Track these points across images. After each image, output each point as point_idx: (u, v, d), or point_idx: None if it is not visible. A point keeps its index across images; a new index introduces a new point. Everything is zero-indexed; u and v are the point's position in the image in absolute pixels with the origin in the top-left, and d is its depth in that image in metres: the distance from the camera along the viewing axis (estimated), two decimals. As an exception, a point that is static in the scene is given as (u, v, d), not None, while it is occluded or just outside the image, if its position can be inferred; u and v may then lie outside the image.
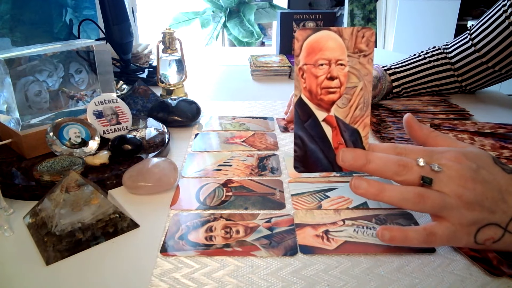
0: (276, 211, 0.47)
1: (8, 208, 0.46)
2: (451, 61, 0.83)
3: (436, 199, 0.35)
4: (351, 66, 0.35)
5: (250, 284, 0.36)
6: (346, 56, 0.35)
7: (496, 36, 0.74)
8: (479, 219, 0.35)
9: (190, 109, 0.73)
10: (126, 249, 0.41)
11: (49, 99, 0.61)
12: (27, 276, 0.37)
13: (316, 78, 0.35)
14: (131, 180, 0.50)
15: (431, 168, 0.36)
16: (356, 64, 0.35)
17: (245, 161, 0.59)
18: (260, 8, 3.38)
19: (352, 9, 3.18)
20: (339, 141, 0.37)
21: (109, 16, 0.92)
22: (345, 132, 0.36)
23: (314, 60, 0.35)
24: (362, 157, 0.37)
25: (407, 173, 0.36)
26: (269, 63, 1.10)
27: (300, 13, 1.20)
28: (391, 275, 0.37)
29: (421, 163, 0.36)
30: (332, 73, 0.35)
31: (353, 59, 0.35)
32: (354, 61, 0.35)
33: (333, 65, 0.35)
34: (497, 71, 0.78)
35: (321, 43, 0.35)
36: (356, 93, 0.35)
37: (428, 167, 0.36)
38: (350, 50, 0.35)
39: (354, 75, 0.35)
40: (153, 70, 1.02)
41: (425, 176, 0.36)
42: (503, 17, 0.73)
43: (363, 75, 0.35)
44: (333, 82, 0.35)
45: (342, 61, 0.35)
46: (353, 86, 0.35)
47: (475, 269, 0.38)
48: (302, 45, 0.35)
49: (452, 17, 2.81)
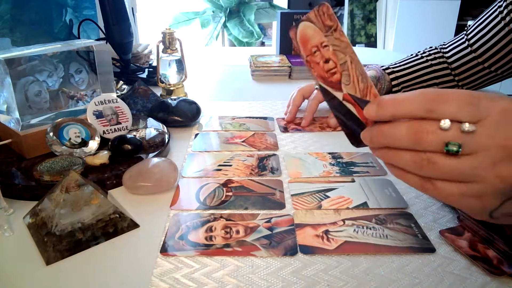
0: (276, 211, 0.47)
1: (8, 208, 0.46)
2: (448, 61, 0.83)
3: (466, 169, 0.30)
4: (332, 45, 0.36)
5: (250, 284, 0.36)
6: (324, 37, 0.36)
7: (492, 37, 0.74)
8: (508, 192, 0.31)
9: (190, 109, 0.73)
10: (126, 249, 0.41)
11: (49, 99, 0.61)
12: (27, 276, 0.37)
13: (318, 64, 0.37)
14: (131, 180, 0.50)
15: (461, 130, 0.30)
16: (334, 41, 0.35)
17: (245, 161, 0.59)
18: (260, 8, 3.38)
19: (352, 9, 3.18)
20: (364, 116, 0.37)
21: (109, 16, 0.92)
22: (363, 106, 0.36)
23: (309, 50, 0.37)
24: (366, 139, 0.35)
25: (424, 142, 0.31)
26: (269, 63, 1.10)
27: (300, 13, 1.20)
28: (391, 275, 0.37)
29: (444, 125, 0.30)
30: (324, 55, 0.36)
31: (329, 38, 0.36)
32: (331, 39, 0.35)
33: (321, 49, 0.36)
34: (493, 71, 0.78)
35: (305, 34, 0.37)
36: (350, 67, 0.36)
37: (457, 127, 0.30)
38: (323, 31, 0.36)
39: (338, 52, 0.36)
40: (153, 70, 1.02)
41: (451, 143, 0.30)
42: (499, 18, 0.73)
43: (344, 49, 0.35)
44: (329, 64, 0.36)
45: (324, 42, 0.36)
46: (343, 62, 0.36)
47: (475, 269, 0.38)
48: (297, 41, 0.37)
49: (452, 17, 2.81)
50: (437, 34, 2.75)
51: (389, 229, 0.43)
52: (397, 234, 0.43)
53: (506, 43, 0.73)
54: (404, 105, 0.32)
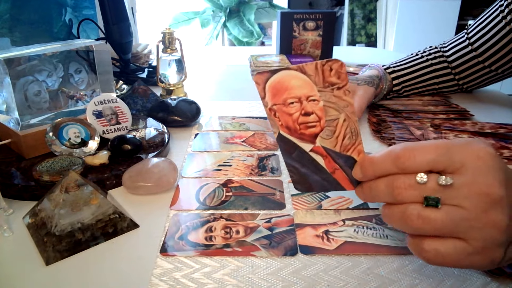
0: (276, 211, 0.47)
1: (7, 208, 0.46)
2: (448, 60, 0.83)
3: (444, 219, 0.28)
4: (326, 100, 0.33)
5: (250, 284, 0.36)
6: (316, 92, 0.32)
7: (493, 35, 0.75)
8: (507, 237, 0.29)
9: (190, 109, 0.73)
10: (126, 249, 0.41)
11: (49, 99, 0.61)
12: (27, 276, 0.37)
13: (291, 116, 0.34)
14: (130, 180, 0.50)
15: (438, 183, 0.29)
16: (330, 97, 0.33)
17: (245, 161, 0.59)
18: (260, 8, 3.38)
19: (352, 9, 3.18)
20: (334, 167, 0.35)
21: (108, 16, 0.92)
22: (338, 159, 0.35)
23: (282, 99, 0.33)
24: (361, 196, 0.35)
25: (404, 198, 0.30)
26: (269, 63, 1.10)
27: (300, 13, 1.20)
28: (391, 275, 0.37)
29: (420, 180, 0.29)
30: (306, 109, 0.33)
31: (325, 93, 0.32)
32: (328, 95, 0.32)
33: (305, 102, 0.33)
34: (493, 70, 0.79)
35: (285, 83, 0.33)
36: (340, 124, 0.33)
37: (434, 180, 0.29)
38: (319, 85, 0.32)
39: (331, 108, 0.33)
40: (153, 70, 1.02)
41: (429, 197, 0.29)
42: (500, 17, 0.73)
43: (342, 107, 0.33)
44: (309, 117, 0.34)
45: (314, 97, 0.33)
46: (333, 118, 0.33)
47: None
48: (264, 88, 0.33)
49: (452, 17, 2.81)
50: (437, 34, 2.74)
51: (389, 229, 0.43)
52: (397, 234, 0.43)
53: (507, 42, 0.73)
54: (379, 165, 0.32)
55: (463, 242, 0.29)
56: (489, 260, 0.30)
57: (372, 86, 0.76)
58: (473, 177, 0.29)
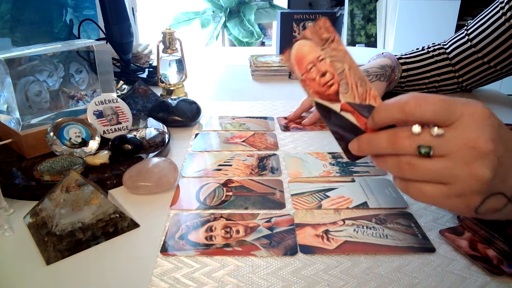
0: (276, 211, 0.47)
1: (8, 208, 0.46)
2: (449, 56, 0.83)
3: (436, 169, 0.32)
4: (329, 56, 0.38)
5: (250, 283, 0.36)
6: (321, 51, 0.38)
7: (492, 31, 0.75)
8: (488, 189, 0.32)
9: (190, 109, 0.73)
10: (126, 249, 0.41)
11: (50, 99, 0.61)
12: (28, 276, 0.37)
13: (314, 80, 0.39)
14: (131, 180, 0.50)
15: (431, 133, 0.33)
16: (331, 52, 0.38)
17: (245, 161, 0.59)
18: (260, 8, 3.38)
19: (352, 9, 3.18)
20: (364, 122, 0.38)
21: (109, 16, 0.92)
22: (363, 111, 0.38)
23: (304, 68, 0.39)
24: (355, 148, 0.38)
25: (400, 147, 0.34)
26: (269, 63, 1.10)
27: (300, 13, 1.20)
28: (391, 275, 0.37)
29: (415, 130, 0.33)
30: (320, 69, 0.38)
31: (326, 50, 0.38)
32: (328, 51, 0.38)
33: (318, 63, 0.38)
34: (492, 66, 0.78)
35: (300, 53, 0.39)
36: (348, 74, 0.38)
37: (428, 131, 0.33)
38: (320, 45, 0.38)
39: (336, 62, 0.38)
40: (153, 70, 1.02)
41: (421, 146, 0.33)
42: (500, 13, 0.73)
43: (341, 57, 0.37)
44: (326, 77, 0.38)
45: (321, 56, 0.38)
46: (341, 71, 0.38)
47: (475, 269, 0.38)
48: (291, 63, 0.39)
49: (452, 17, 2.81)
50: (437, 34, 2.74)
51: (389, 228, 0.44)
52: (397, 233, 0.43)
53: (507, 38, 0.73)
54: (388, 111, 0.35)
55: (444, 186, 0.33)
56: (465, 205, 0.33)
57: (383, 80, 0.75)
58: (463, 131, 0.32)
